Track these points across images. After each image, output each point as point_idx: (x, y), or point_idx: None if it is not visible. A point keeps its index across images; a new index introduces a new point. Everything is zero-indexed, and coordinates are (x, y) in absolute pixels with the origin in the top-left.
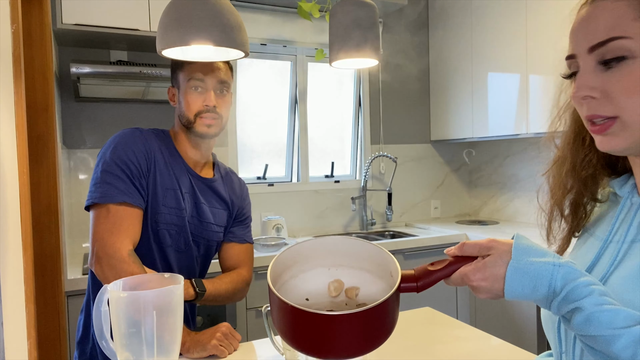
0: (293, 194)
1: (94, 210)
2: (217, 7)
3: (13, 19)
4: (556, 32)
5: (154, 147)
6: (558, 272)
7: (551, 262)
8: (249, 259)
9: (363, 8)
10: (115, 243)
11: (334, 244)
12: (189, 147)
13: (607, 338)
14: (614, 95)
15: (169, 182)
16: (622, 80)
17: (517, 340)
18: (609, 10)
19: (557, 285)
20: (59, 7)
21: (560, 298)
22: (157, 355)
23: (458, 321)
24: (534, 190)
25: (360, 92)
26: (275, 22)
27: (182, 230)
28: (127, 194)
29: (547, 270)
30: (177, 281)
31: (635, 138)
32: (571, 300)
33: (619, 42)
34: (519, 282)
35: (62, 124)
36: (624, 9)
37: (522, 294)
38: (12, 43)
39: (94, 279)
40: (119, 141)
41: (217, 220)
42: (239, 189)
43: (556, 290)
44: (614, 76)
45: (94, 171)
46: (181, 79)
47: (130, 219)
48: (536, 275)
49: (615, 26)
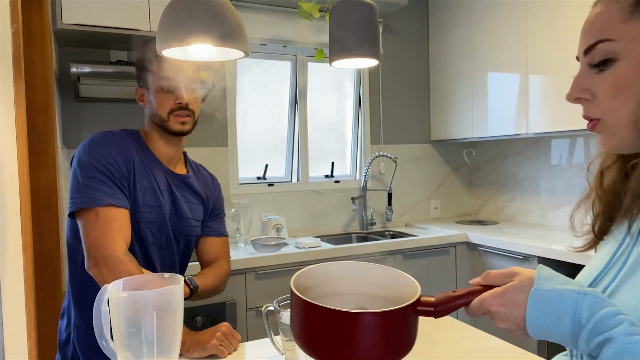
0: (293, 194)
1: (82, 216)
2: (217, 7)
3: (13, 19)
4: (556, 32)
5: (130, 148)
6: (584, 300)
7: (576, 290)
8: (227, 251)
9: (363, 8)
10: (109, 244)
11: (368, 272)
12: (163, 145)
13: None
14: (600, 97)
15: (147, 181)
16: (607, 83)
17: (517, 340)
18: (602, 12)
19: (583, 315)
20: (59, 7)
21: (588, 330)
22: (157, 355)
23: (458, 321)
24: (534, 190)
25: (360, 92)
26: (275, 22)
27: (163, 228)
28: (113, 196)
29: (571, 299)
30: (177, 281)
31: (624, 137)
32: (601, 331)
33: (605, 45)
34: (541, 309)
35: (62, 124)
36: (614, 11)
37: (545, 324)
38: (12, 43)
39: (74, 284)
40: (95, 145)
41: (195, 215)
42: (211, 183)
43: (582, 322)
44: (602, 78)
45: (72, 177)
46: (150, 78)
47: (119, 220)
48: (560, 303)
49: (603, 28)
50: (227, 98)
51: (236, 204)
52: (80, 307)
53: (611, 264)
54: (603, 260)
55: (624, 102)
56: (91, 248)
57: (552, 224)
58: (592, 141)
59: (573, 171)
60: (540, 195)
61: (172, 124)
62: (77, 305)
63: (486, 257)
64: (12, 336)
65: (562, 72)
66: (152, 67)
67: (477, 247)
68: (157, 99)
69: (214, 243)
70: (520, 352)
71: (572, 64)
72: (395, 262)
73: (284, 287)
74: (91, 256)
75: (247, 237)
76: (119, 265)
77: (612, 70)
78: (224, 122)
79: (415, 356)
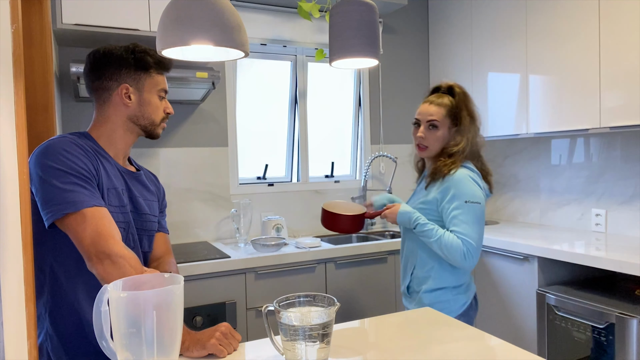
0: (293, 194)
1: (69, 221)
2: (217, 7)
3: (13, 19)
4: (556, 32)
5: (89, 150)
6: (414, 214)
7: (412, 211)
8: (170, 247)
9: (363, 8)
10: (109, 240)
11: (348, 204)
12: (127, 145)
13: (428, 233)
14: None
15: (108, 182)
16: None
17: (517, 340)
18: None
19: (412, 219)
20: (59, 7)
21: (413, 224)
22: (157, 355)
23: (458, 321)
24: (534, 190)
25: (360, 92)
26: (275, 22)
27: (129, 227)
28: (93, 197)
29: (412, 214)
30: (177, 281)
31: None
32: (417, 222)
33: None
34: (402, 217)
35: (62, 124)
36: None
37: (402, 223)
38: (12, 43)
39: (44, 293)
40: (59, 151)
41: (152, 210)
42: (156, 180)
43: (411, 221)
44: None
45: (44, 185)
46: (148, 82)
47: (108, 218)
48: (408, 216)
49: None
50: (227, 98)
51: (236, 204)
52: (54, 316)
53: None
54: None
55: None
56: (91, 247)
57: (552, 224)
58: (592, 141)
59: (573, 171)
60: (540, 195)
61: (159, 129)
62: (50, 316)
63: (486, 257)
64: (12, 336)
65: (562, 72)
66: (151, 74)
67: None
68: (155, 105)
69: (163, 239)
70: (520, 352)
71: (572, 64)
72: (395, 261)
73: (284, 287)
74: (93, 255)
75: (247, 237)
76: (123, 260)
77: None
78: (224, 122)
79: (416, 356)
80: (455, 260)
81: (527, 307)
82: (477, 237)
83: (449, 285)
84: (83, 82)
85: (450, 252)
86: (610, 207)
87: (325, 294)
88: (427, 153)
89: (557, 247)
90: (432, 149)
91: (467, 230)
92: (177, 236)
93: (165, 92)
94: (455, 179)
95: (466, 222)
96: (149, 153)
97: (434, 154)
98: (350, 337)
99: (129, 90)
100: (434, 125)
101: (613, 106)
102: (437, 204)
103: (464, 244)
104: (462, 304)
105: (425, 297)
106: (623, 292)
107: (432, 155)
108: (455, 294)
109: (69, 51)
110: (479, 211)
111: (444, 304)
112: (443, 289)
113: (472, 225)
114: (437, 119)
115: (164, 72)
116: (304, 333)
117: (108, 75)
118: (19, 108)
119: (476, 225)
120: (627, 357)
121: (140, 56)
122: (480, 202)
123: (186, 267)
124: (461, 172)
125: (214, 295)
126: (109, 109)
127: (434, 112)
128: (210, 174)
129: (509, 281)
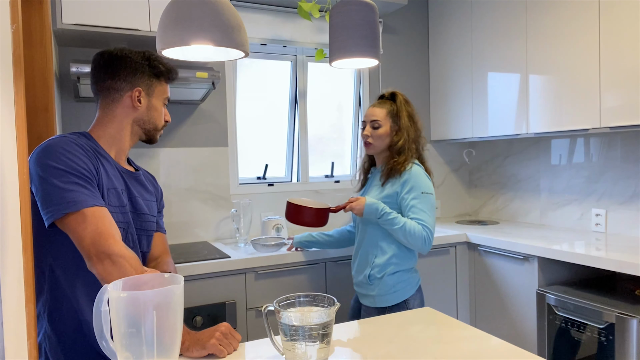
0: (293, 194)
1: (69, 220)
2: (217, 7)
3: (13, 19)
4: (556, 32)
5: (89, 150)
6: (380, 204)
7: (378, 202)
8: (168, 247)
9: (363, 8)
10: (109, 240)
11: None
12: (129, 146)
13: (394, 221)
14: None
15: (108, 182)
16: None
17: (517, 340)
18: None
19: (379, 209)
20: (59, 7)
21: (380, 214)
22: (157, 355)
23: (458, 321)
24: (534, 190)
25: (360, 92)
26: (275, 22)
27: (128, 227)
28: (94, 197)
29: (378, 205)
30: (177, 281)
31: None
32: (383, 211)
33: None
34: (369, 208)
35: (62, 124)
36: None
37: (368, 214)
38: (12, 43)
39: (44, 293)
40: (60, 150)
41: (151, 211)
42: (153, 179)
43: (378, 211)
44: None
45: (42, 186)
46: (158, 89)
47: (108, 218)
48: (375, 207)
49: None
50: (227, 98)
51: (236, 204)
52: (53, 316)
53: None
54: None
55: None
56: (91, 247)
57: (552, 224)
58: (592, 141)
59: (573, 171)
60: (540, 195)
61: (158, 135)
62: (49, 315)
63: (486, 257)
64: (12, 336)
65: (562, 72)
66: (162, 82)
67: (477, 247)
68: (159, 110)
69: (161, 239)
70: (520, 352)
71: (572, 64)
72: None
73: (284, 287)
74: (93, 255)
75: (247, 237)
76: (123, 259)
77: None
78: (224, 122)
79: (416, 356)
80: (416, 244)
81: (527, 307)
82: (433, 223)
83: (407, 267)
84: (83, 82)
85: (414, 237)
86: (610, 207)
87: (325, 294)
88: (373, 149)
89: (557, 247)
90: (377, 144)
91: (425, 217)
92: (177, 236)
93: (168, 101)
94: (413, 173)
95: (423, 210)
96: (149, 153)
97: (379, 150)
98: (350, 337)
99: (141, 93)
100: (378, 125)
101: (613, 106)
102: (397, 196)
103: (424, 229)
104: (417, 281)
105: (389, 279)
106: (623, 292)
107: (377, 152)
108: (411, 273)
109: (69, 51)
110: (433, 201)
111: (405, 283)
112: (402, 271)
113: (429, 213)
114: (379, 119)
115: (170, 82)
116: (304, 333)
117: (123, 76)
118: (19, 108)
119: (431, 212)
120: (627, 357)
121: (155, 64)
122: (433, 194)
123: (186, 267)
124: (416, 168)
125: (214, 295)
126: (116, 109)
127: (377, 114)
128: (210, 174)
129: (509, 281)
